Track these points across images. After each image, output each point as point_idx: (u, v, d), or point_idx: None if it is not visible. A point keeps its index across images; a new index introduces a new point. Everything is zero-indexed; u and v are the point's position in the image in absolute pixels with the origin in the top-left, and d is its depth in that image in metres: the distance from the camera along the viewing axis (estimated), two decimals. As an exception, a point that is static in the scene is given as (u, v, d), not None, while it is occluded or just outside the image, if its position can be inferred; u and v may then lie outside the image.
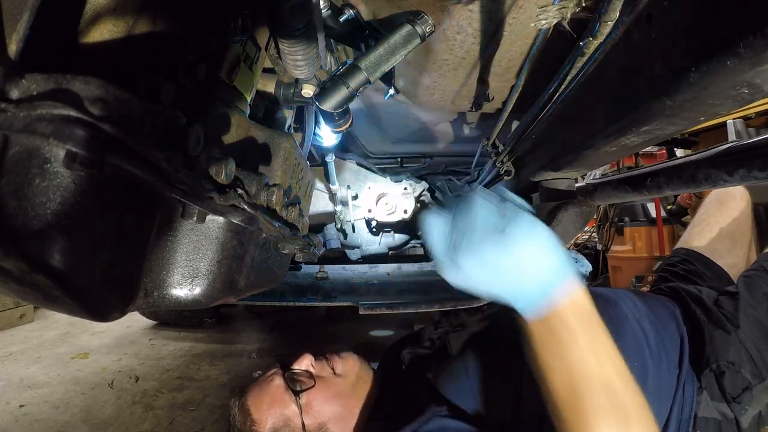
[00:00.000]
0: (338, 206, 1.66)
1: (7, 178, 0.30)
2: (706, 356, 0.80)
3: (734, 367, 0.77)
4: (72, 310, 0.38)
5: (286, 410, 0.78)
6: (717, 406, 0.76)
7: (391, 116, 1.49)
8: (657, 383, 0.76)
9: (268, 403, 0.79)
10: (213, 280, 0.50)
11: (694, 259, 1.13)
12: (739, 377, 0.77)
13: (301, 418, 0.76)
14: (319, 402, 0.79)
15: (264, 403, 0.79)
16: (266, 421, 0.77)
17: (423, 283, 1.17)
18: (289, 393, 0.79)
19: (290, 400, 0.78)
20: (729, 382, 0.76)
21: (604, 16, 0.46)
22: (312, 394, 0.80)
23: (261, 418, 0.78)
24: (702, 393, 0.77)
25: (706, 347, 0.81)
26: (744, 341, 0.80)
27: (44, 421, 1.21)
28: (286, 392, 0.79)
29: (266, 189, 0.51)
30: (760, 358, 0.78)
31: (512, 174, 1.12)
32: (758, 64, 0.31)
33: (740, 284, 0.93)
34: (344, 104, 0.65)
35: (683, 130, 0.51)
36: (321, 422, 0.77)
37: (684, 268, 1.14)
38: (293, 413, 0.77)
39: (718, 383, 0.77)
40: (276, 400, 0.79)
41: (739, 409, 0.75)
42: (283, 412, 0.78)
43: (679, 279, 1.13)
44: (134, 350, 1.82)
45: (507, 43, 0.76)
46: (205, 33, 0.47)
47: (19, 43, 0.34)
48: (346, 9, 0.73)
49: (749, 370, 0.77)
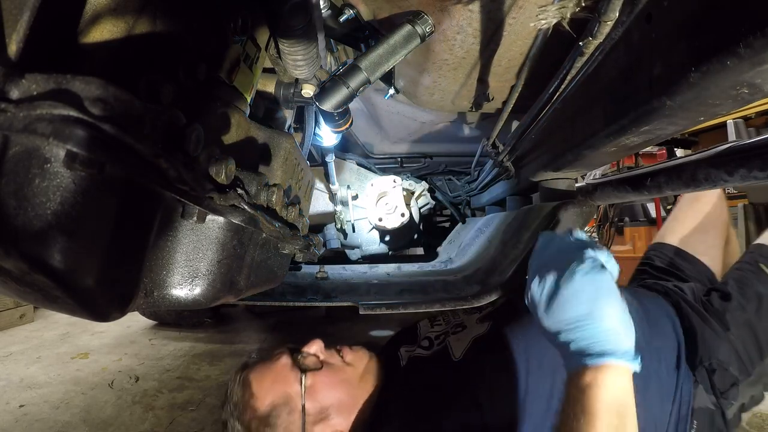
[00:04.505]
0: (338, 206, 1.66)
1: (7, 178, 0.30)
2: (699, 355, 0.83)
3: (724, 365, 0.81)
4: (72, 310, 0.38)
5: (289, 389, 0.75)
6: (709, 397, 0.81)
7: (391, 116, 1.49)
8: (659, 386, 0.79)
9: (271, 379, 0.76)
10: (213, 280, 0.50)
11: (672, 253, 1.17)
12: (728, 374, 0.81)
13: (303, 398, 0.74)
14: (323, 386, 0.76)
15: (267, 378, 0.77)
16: (266, 397, 0.75)
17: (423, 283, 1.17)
18: (294, 372, 0.77)
19: (294, 380, 0.76)
20: (719, 379, 0.81)
21: (603, 16, 0.46)
22: (317, 376, 0.77)
23: (261, 393, 0.75)
24: (698, 386, 0.81)
25: (699, 347, 0.84)
26: (733, 342, 0.84)
27: (44, 421, 1.21)
28: (291, 371, 0.77)
29: (266, 189, 0.51)
30: (747, 356, 0.83)
31: (512, 174, 1.12)
32: (758, 64, 0.31)
33: (731, 282, 0.94)
34: (344, 104, 0.65)
35: (683, 130, 0.51)
36: (323, 407, 0.75)
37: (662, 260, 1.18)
38: (296, 393, 0.75)
39: (710, 379, 0.81)
40: (280, 377, 0.76)
41: (726, 404, 0.81)
42: (285, 390, 0.75)
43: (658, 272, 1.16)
44: (134, 350, 1.82)
45: (507, 43, 0.76)
46: (205, 33, 0.47)
47: (19, 43, 0.34)
48: (346, 9, 0.73)
49: (737, 367, 0.82)
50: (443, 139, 1.67)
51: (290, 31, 0.58)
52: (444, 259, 1.50)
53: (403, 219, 1.67)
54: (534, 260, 0.61)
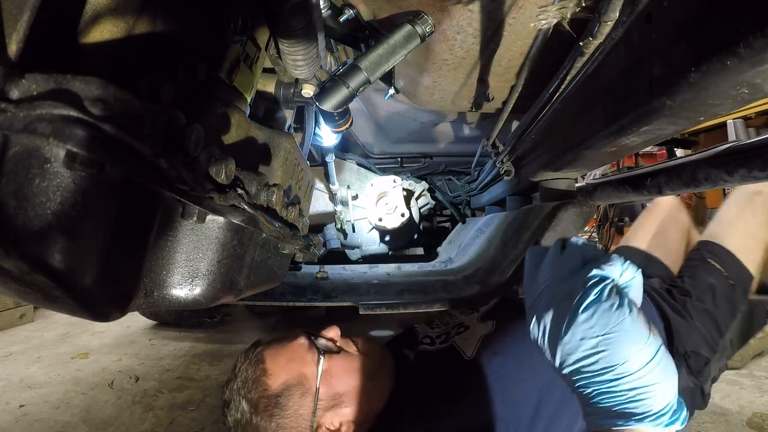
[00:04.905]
0: (338, 206, 1.66)
1: (7, 178, 0.30)
2: (675, 345, 0.95)
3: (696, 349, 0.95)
4: (72, 310, 0.38)
5: (305, 369, 0.72)
6: (690, 378, 0.94)
7: (391, 116, 1.49)
8: None
9: (287, 357, 0.74)
10: (213, 280, 0.50)
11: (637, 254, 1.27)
12: (701, 357, 0.95)
13: (318, 381, 0.71)
14: (339, 371, 0.74)
15: (283, 356, 0.74)
16: (280, 375, 0.71)
17: (423, 283, 1.17)
18: (312, 352, 0.74)
19: (311, 360, 0.73)
20: (694, 362, 0.95)
21: (603, 16, 0.46)
22: (334, 360, 0.75)
23: (276, 370, 0.72)
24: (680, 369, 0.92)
25: (674, 336, 0.96)
26: (699, 328, 0.97)
27: (44, 421, 1.21)
28: (309, 351, 0.74)
29: (266, 189, 0.51)
30: (711, 338, 0.97)
31: (512, 174, 1.12)
32: (758, 64, 0.31)
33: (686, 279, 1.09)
34: (344, 104, 0.65)
35: (683, 130, 0.51)
36: (337, 392, 0.72)
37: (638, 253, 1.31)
38: (311, 374, 0.72)
39: (687, 364, 0.94)
40: (296, 357, 0.73)
41: (703, 380, 0.95)
42: (301, 370, 0.72)
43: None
44: (134, 350, 1.82)
45: (507, 43, 0.76)
46: (205, 33, 0.47)
47: (19, 43, 0.34)
48: (346, 9, 0.73)
49: (706, 349, 0.95)
50: (443, 139, 1.67)
51: (290, 31, 0.58)
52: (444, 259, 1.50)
53: (403, 219, 1.67)
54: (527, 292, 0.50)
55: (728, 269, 1.05)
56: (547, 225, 0.89)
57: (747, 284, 1.05)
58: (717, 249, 1.10)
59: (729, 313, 1.00)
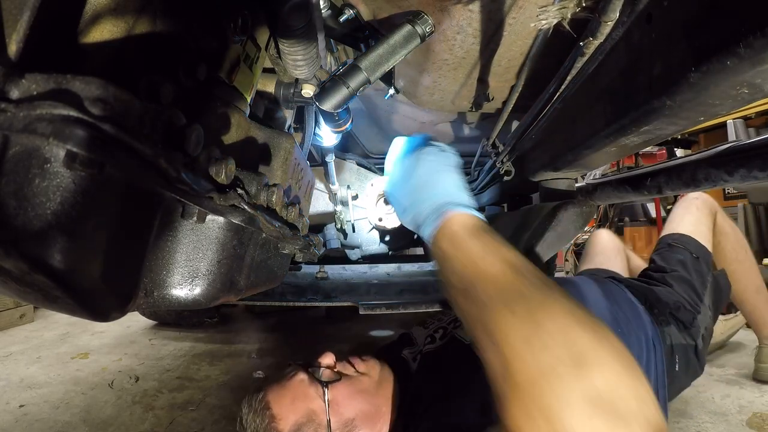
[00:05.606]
0: (338, 206, 1.66)
1: (7, 178, 0.30)
2: (661, 309, 1.08)
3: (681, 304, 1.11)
4: (72, 310, 0.38)
5: (312, 404, 0.72)
6: (682, 335, 1.05)
7: (391, 116, 1.49)
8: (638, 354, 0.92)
9: (290, 398, 0.73)
10: (213, 280, 0.50)
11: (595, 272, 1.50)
12: (687, 311, 1.11)
13: (327, 413, 0.71)
14: (345, 398, 0.74)
15: (286, 398, 0.73)
16: (289, 416, 0.71)
17: (423, 283, 1.17)
18: (314, 386, 0.74)
19: (315, 395, 0.73)
20: (683, 315, 1.09)
21: (604, 16, 0.46)
22: (337, 388, 0.75)
23: (283, 414, 0.71)
24: (670, 326, 1.05)
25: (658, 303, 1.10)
26: (679, 292, 1.15)
27: (44, 421, 1.21)
28: (311, 386, 0.74)
29: (266, 189, 0.51)
30: (691, 299, 1.14)
31: (512, 174, 1.12)
32: (758, 64, 0.31)
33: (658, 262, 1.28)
34: (344, 104, 0.65)
35: (683, 130, 0.51)
36: (347, 419, 0.72)
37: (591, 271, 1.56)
38: (319, 408, 0.71)
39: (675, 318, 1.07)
40: (300, 394, 0.73)
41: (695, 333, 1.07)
42: (308, 407, 0.72)
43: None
44: (134, 350, 1.82)
45: (507, 43, 0.76)
46: (205, 33, 0.47)
47: (19, 43, 0.34)
48: (346, 9, 0.73)
49: (689, 305, 1.12)
50: (443, 139, 1.67)
51: (290, 31, 0.58)
52: (444, 259, 1.49)
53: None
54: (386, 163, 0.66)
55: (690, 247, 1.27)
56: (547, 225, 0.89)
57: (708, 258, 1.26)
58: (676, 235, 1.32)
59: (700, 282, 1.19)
